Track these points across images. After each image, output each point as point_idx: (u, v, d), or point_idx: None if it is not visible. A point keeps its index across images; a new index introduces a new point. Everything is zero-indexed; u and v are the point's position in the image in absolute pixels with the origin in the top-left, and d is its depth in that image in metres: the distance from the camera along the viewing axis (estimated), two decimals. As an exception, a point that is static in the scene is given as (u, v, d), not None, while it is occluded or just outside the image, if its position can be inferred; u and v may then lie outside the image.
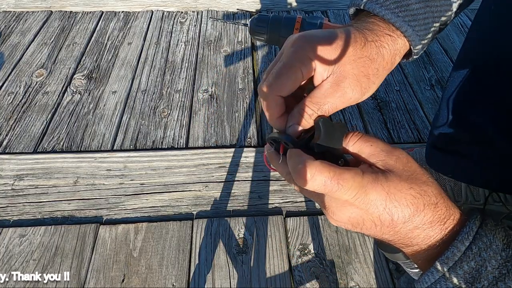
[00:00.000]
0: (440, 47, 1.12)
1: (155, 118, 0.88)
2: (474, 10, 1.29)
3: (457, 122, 0.52)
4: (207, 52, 1.07)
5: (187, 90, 0.96)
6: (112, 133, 0.84)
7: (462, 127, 0.52)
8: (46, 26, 1.14)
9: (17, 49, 1.05)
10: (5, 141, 0.82)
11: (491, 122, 0.48)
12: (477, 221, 0.24)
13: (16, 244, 0.64)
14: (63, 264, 0.61)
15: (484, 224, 0.24)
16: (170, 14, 1.21)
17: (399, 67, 1.05)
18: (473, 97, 0.49)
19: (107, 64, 1.02)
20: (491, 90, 0.47)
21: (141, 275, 0.61)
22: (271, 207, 0.72)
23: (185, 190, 0.73)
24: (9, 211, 0.69)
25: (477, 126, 0.49)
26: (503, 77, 0.44)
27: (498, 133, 0.47)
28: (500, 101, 0.46)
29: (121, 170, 0.76)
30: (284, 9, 1.27)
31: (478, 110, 0.49)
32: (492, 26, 0.44)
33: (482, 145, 0.49)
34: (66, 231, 0.65)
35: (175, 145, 0.82)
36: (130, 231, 0.66)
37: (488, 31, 0.45)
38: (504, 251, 0.22)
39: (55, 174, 0.75)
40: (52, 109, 0.89)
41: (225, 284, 0.60)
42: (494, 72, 0.45)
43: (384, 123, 0.89)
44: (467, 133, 0.51)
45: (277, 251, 0.65)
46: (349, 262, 0.64)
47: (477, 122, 0.49)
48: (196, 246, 0.64)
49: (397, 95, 0.97)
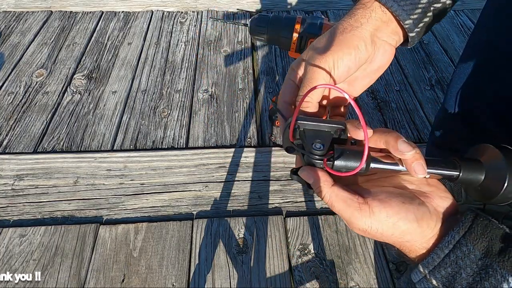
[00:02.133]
0: (440, 47, 1.12)
1: (155, 118, 0.88)
2: (474, 10, 1.29)
3: (462, 116, 0.53)
4: (207, 52, 1.07)
5: (187, 90, 0.96)
6: (112, 133, 0.84)
7: (465, 121, 0.52)
8: (46, 26, 1.14)
9: (17, 49, 1.05)
10: (5, 141, 0.82)
11: (493, 118, 0.48)
12: (461, 230, 0.26)
13: (16, 244, 0.64)
14: (63, 264, 0.61)
15: (468, 233, 0.25)
16: (170, 14, 1.21)
17: (399, 67, 1.05)
18: (478, 92, 0.50)
19: (107, 64, 1.02)
20: (496, 84, 0.47)
21: (141, 275, 0.61)
22: (271, 207, 0.72)
23: (185, 190, 0.73)
24: (9, 211, 0.69)
25: (481, 123, 0.49)
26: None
27: (499, 127, 0.47)
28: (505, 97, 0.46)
29: (121, 170, 0.76)
30: (284, 9, 1.27)
31: (482, 105, 0.49)
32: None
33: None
34: (66, 231, 0.65)
35: (175, 145, 0.83)
36: (130, 231, 0.66)
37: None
38: (481, 260, 0.24)
39: (55, 174, 0.75)
40: (52, 109, 0.89)
41: (225, 284, 0.60)
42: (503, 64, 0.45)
43: (384, 123, 0.89)
44: (469, 128, 0.51)
45: (277, 251, 0.65)
46: (349, 262, 0.64)
47: (482, 119, 0.49)
48: (196, 246, 0.64)
49: (397, 95, 0.96)
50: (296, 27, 0.58)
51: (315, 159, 0.28)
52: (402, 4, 0.31)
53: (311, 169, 0.28)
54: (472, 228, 0.25)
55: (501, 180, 0.25)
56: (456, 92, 0.53)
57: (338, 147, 0.28)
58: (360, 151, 0.27)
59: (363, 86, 0.35)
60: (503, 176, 0.25)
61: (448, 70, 1.04)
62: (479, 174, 0.28)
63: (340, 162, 0.27)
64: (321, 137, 0.29)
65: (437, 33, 1.17)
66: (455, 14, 1.26)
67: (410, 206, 0.26)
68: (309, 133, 0.29)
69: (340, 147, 0.28)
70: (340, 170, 0.27)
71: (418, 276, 0.27)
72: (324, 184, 0.27)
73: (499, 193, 0.26)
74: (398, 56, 1.09)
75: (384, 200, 0.26)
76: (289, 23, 0.58)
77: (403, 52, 1.09)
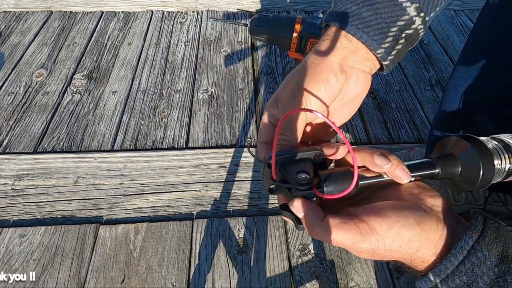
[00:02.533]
0: (440, 47, 1.12)
1: (155, 118, 0.88)
2: (474, 10, 1.29)
3: (461, 117, 0.52)
4: (207, 52, 1.07)
5: (187, 90, 0.96)
6: (112, 133, 0.84)
7: (464, 122, 0.52)
8: (46, 26, 1.14)
9: (17, 49, 1.05)
10: (5, 141, 0.82)
11: (493, 119, 0.48)
12: (474, 234, 0.24)
13: (16, 244, 0.64)
14: (63, 264, 0.61)
15: (482, 237, 0.24)
16: (170, 14, 1.21)
17: (399, 67, 1.05)
18: (477, 92, 0.49)
19: (107, 64, 1.02)
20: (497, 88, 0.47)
21: (141, 275, 0.61)
22: (271, 207, 0.72)
23: (185, 190, 0.73)
24: (9, 211, 0.69)
25: (480, 123, 0.49)
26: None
27: (498, 127, 0.47)
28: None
29: (121, 170, 0.76)
30: (284, 9, 1.27)
31: (482, 105, 0.49)
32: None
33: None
34: (66, 231, 0.65)
35: (175, 145, 0.83)
36: (130, 231, 0.66)
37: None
38: (497, 266, 0.23)
39: (55, 174, 0.75)
40: (52, 109, 0.89)
41: (225, 284, 0.60)
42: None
43: (384, 123, 0.89)
44: (468, 128, 0.51)
45: (277, 251, 0.65)
46: (349, 262, 0.64)
47: (481, 119, 0.49)
48: (196, 246, 0.64)
49: (397, 95, 0.97)
50: (296, 27, 0.58)
51: (304, 190, 0.27)
52: (371, 34, 0.31)
53: (303, 201, 0.26)
54: (484, 231, 0.24)
55: (476, 168, 0.27)
56: (455, 93, 0.53)
57: (323, 172, 0.27)
58: (346, 171, 0.27)
59: (344, 117, 0.34)
60: (477, 164, 0.27)
61: (448, 70, 1.04)
62: (455, 167, 0.29)
63: (330, 187, 0.26)
64: (302, 167, 0.28)
65: (437, 33, 1.17)
66: (455, 14, 1.26)
67: (407, 211, 0.25)
68: (289, 166, 0.28)
69: (325, 172, 0.27)
70: (331, 194, 0.26)
71: (426, 285, 0.25)
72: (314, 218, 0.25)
73: (478, 179, 0.27)
74: (398, 56, 1.09)
75: (379, 213, 0.25)
76: (289, 23, 0.58)
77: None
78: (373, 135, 0.86)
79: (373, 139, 0.85)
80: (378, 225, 0.24)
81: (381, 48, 0.32)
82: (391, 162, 0.27)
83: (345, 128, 0.87)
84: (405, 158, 0.70)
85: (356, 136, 0.86)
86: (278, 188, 0.29)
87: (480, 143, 0.28)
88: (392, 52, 0.33)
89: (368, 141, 0.85)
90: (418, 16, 0.32)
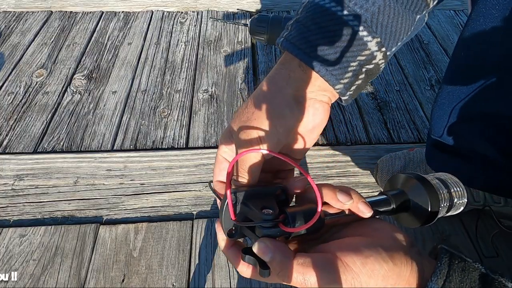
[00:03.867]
0: (440, 47, 1.12)
1: (155, 118, 0.88)
2: (474, 10, 1.28)
3: (455, 138, 0.52)
4: (207, 52, 1.07)
5: (187, 90, 0.96)
6: (112, 133, 0.84)
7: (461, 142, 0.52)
8: (46, 26, 1.14)
9: (17, 49, 1.05)
10: (5, 141, 0.82)
11: (490, 143, 0.47)
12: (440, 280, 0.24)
13: (16, 244, 0.64)
14: (63, 264, 0.61)
15: (448, 281, 0.24)
16: (170, 14, 1.21)
17: (399, 67, 1.05)
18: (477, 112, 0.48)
19: (107, 64, 1.02)
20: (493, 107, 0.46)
21: (141, 275, 0.61)
22: (271, 207, 0.71)
23: (185, 190, 0.73)
24: (9, 211, 0.69)
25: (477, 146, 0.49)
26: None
27: (497, 152, 0.47)
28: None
29: (121, 170, 0.76)
30: (284, 9, 1.27)
31: (476, 128, 0.48)
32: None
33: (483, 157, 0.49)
34: (66, 231, 0.65)
35: (175, 145, 0.83)
36: (130, 231, 0.66)
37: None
38: None
39: (55, 174, 0.75)
40: (52, 109, 0.89)
41: (225, 284, 0.60)
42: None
43: (384, 123, 0.89)
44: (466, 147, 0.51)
45: (277, 251, 0.64)
46: (349, 262, 0.64)
47: (476, 142, 0.49)
48: (196, 246, 0.64)
49: (397, 95, 0.97)
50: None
51: (270, 227, 0.25)
52: (330, 69, 0.29)
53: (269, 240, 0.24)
54: (450, 275, 0.24)
55: (425, 202, 0.30)
56: (453, 106, 0.51)
57: (289, 209, 0.27)
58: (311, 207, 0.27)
59: (303, 149, 0.33)
60: (425, 199, 0.30)
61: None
62: (407, 203, 0.32)
63: (299, 222, 0.25)
64: (266, 203, 0.27)
65: (437, 33, 1.17)
66: (455, 14, 1.26)
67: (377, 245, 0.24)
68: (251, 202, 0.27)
69: (291, 209, 0.27)
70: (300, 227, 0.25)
71: None
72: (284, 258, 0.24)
73: (428, 213, 0.30)
74: (398, 56, 1.09)
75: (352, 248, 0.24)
76: (289, 23, 0.58)
77: (403, 52, 1.09)
78: (373, 135, 0.86)
79: (373, 139, 0.85)
80: (352, 261, 0.23)
81: (340, 84, 0.30)
82: (353, 198, 0.28)
83: (345, 128, 0.87)
84: (406, 158, 0.70)
85: (356, 136, 0.86)
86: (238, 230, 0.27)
87: (426, 181, 0.31)
88: (352, 87, 0.31)
89: (368, 141, 0.85)
90: (379, 51, 0.30)
